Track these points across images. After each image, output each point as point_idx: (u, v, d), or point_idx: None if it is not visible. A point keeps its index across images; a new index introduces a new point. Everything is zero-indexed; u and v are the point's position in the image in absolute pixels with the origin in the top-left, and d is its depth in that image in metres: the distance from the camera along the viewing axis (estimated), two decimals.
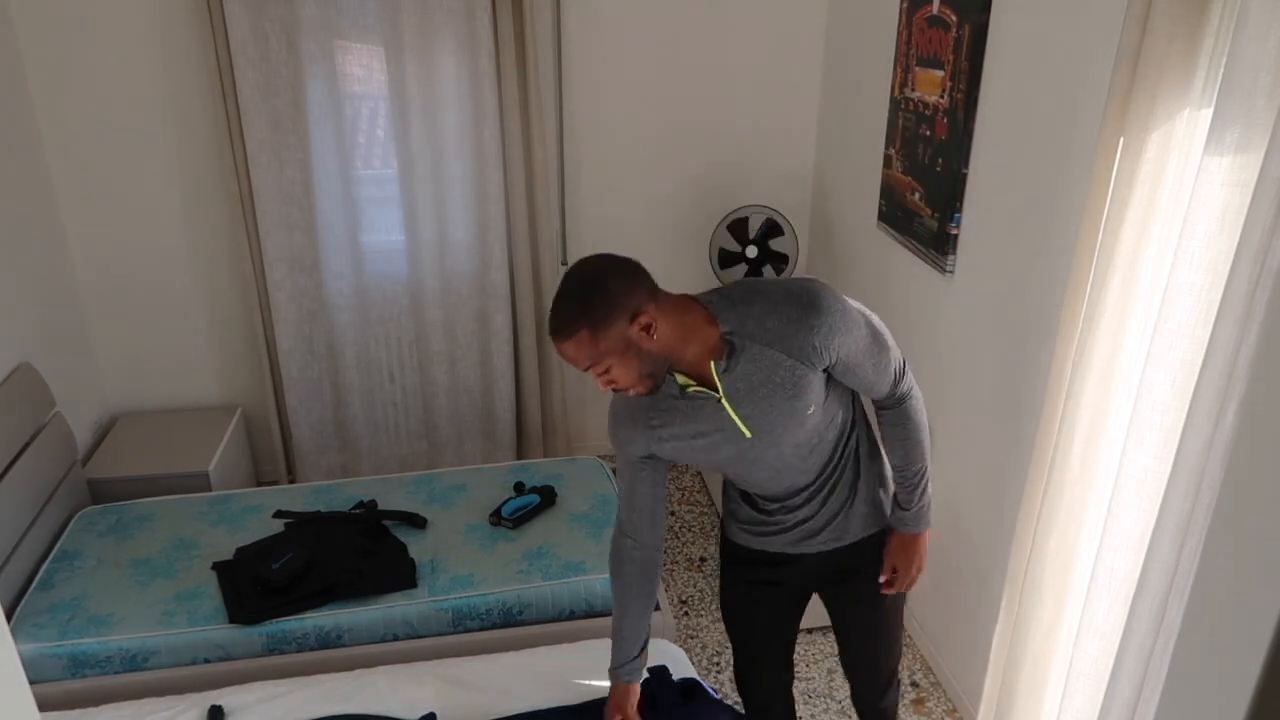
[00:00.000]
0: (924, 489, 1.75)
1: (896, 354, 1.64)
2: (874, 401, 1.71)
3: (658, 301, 1.47)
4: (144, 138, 3.22)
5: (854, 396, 1.71)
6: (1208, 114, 1.52)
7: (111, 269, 3.35)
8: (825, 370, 1.56)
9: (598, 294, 1.41)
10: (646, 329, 1.43)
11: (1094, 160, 1.73)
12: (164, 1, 3.07)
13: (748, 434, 1.57)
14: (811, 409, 1.55)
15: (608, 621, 2.47)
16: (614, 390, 1.50)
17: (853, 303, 1.56)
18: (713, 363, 1.52)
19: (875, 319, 1.61)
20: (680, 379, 1.55)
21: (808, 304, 1.49)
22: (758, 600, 1.89)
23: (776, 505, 1.75)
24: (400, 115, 3.27)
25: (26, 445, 2.65)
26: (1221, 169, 1.43)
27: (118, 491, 3.03)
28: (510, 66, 3.23)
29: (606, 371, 1.44)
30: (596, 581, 2.51)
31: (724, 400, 1.54)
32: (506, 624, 2.48)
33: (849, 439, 1.71)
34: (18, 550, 2.52)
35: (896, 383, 1.66)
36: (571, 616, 2.51)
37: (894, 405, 1.69)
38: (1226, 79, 1.43)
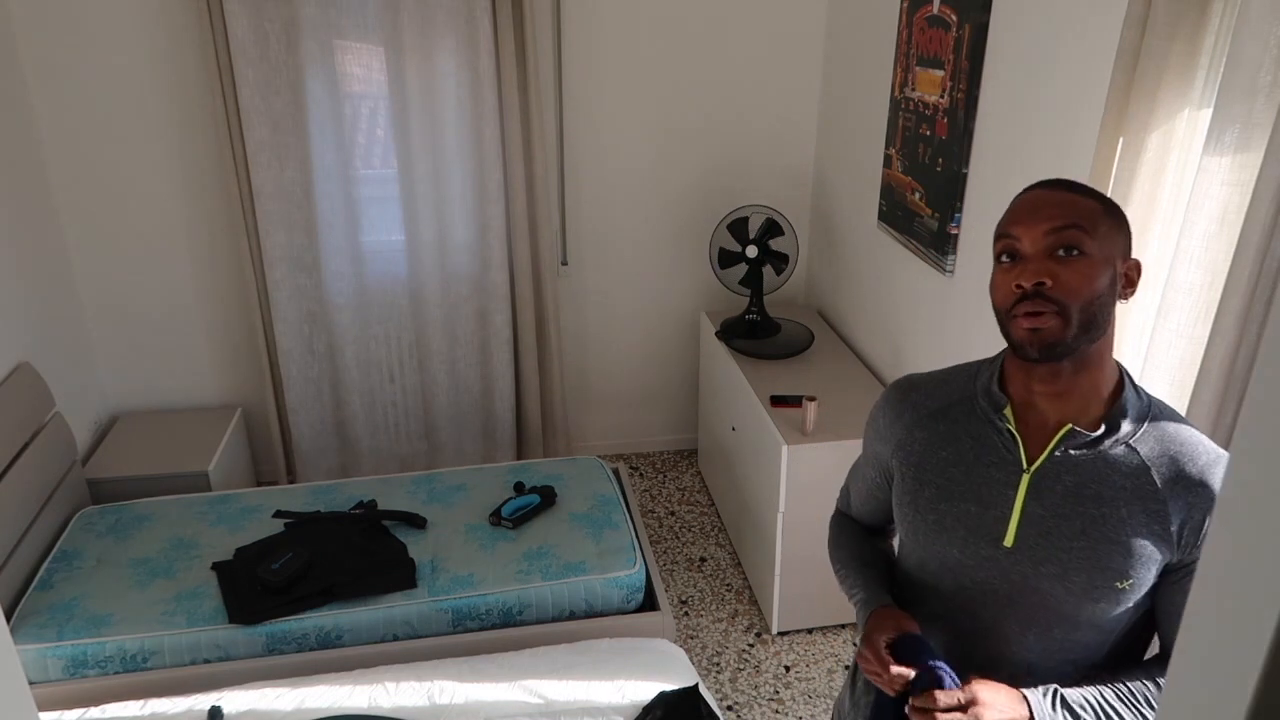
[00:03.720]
0: (1091, 711, 1.11)
1: None
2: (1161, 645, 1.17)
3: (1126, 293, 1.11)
4: (143, 137, 3.22)
5: (1136, 640, 1.19)
6: (1208, 114, 1.52)
7: (111, 269, 3.35)
8: (1175, 562, 1.08)
9: (1116, 205, 1.10)
10: (1129, 278, 1.09)
11: (1094, 160, 1.73)
12: (163, 1, 3.07)
13: (1009, 541, 1.12)
14: (1129, 582, 1.08)
15: (608, 621, 2.49)
16: (1033, 302, 1.04)
17: None
18: (1070, 425, 1.10)
19: None
20: (1008, 410, 1.14)
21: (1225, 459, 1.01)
22: None
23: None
24: (400, 115, 3.27)
25: (26, 445, 2.65)
26: (1221, 169, 1.43)
27: (117, 491, 3.03)
28: (510, 67, 3.23)
29: (1071, 249, 1.04)
30: (596, 582, 2.51)
31: (1026, 476, 1.12)
32: (506, 624, 2.48)
33: (1115, 668, 1.16)
34: (17, 550, 2.52)
35: None
36: (571, 616, 2.51)
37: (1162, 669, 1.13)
38: (1226, 79, 1.43)
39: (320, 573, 2.48)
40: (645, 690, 2.08)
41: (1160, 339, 1.57)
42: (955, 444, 1.18)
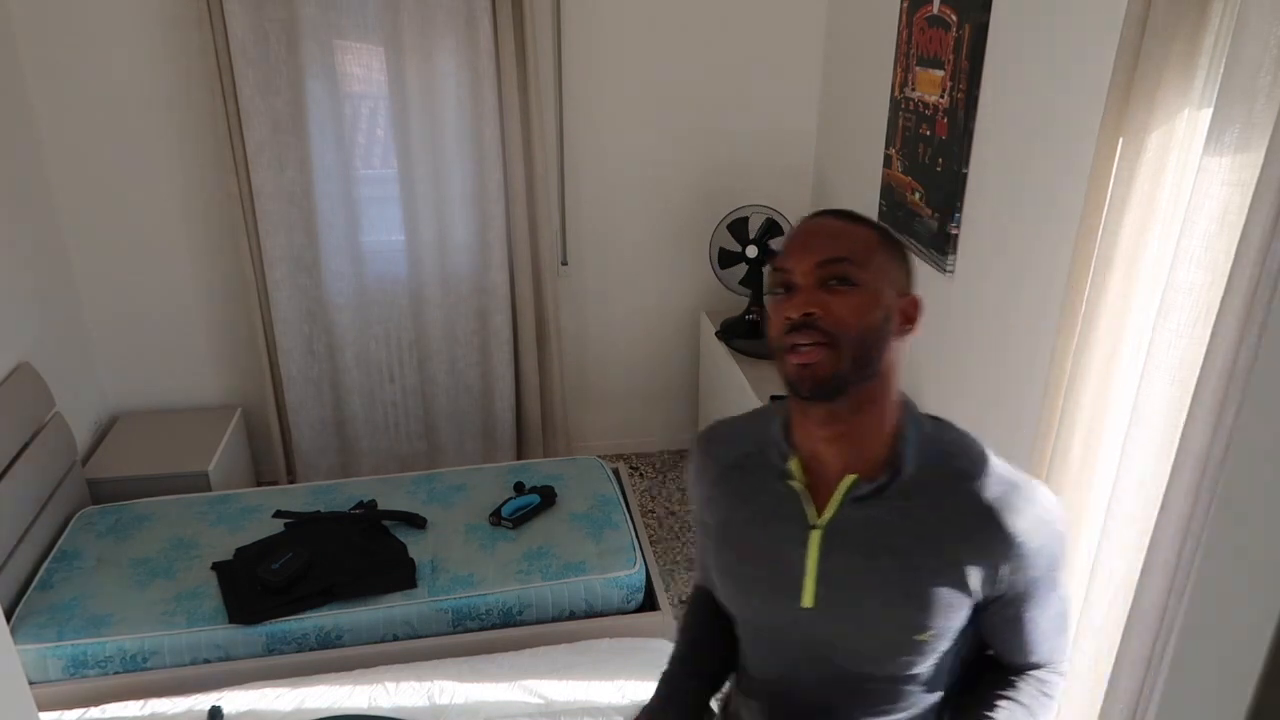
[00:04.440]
0: None
1: (1071, 614, 1.15)
2: (1004, 664, 1.16)
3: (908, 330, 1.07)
4: (143, 137, 3.22)
5: (968, 664, 1.16)
6: (1208, 114, 1.52)
7: (111, 269, 3.35)
8: (984, 602, 1.06)
9: (895, 237, 1.08)
10: (907, 314, 1.05)
11: (1094, 160, 1.73)
12: (163, 1, 3.07)
13: (807, 601, 1.08)
14: (930, 633, 1.04)
15: (608, 621, 2.49)
16: (803, 334, 0.99)
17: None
18: (854, 477, 1.06)
19: None
20: (794, 464, 1.09)
21: (1028, 495, 1.03)
22: None
23: None
24: (400, 115, 3.27)
25: (26, 445, 2.65)
26: (1221, 169, 1.43)
27: (117, 491, 3.03)
28: (510, 67, 3.23)
29: (843, 280, 1.00)
30: (596, 582, 2.50)
31: (816, 533, 1.07)
32: (506, 624, 2.48)
33: (937, 713, 1.15)
34: (17, 550, 2.51)
35: (1058, 651, 1.15)
36: (571, 616, 2.51)
37: (1026, 683, 1.14)
38: (1226, 79, 1.43)
39: (320, 573, 2.48)
40: (645, 690, 2.08)
41: (1161, 339, 1.57)
42: (752, 501, 1.13)
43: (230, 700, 2.12)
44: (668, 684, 1.24)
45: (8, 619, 2.28)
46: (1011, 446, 2.32)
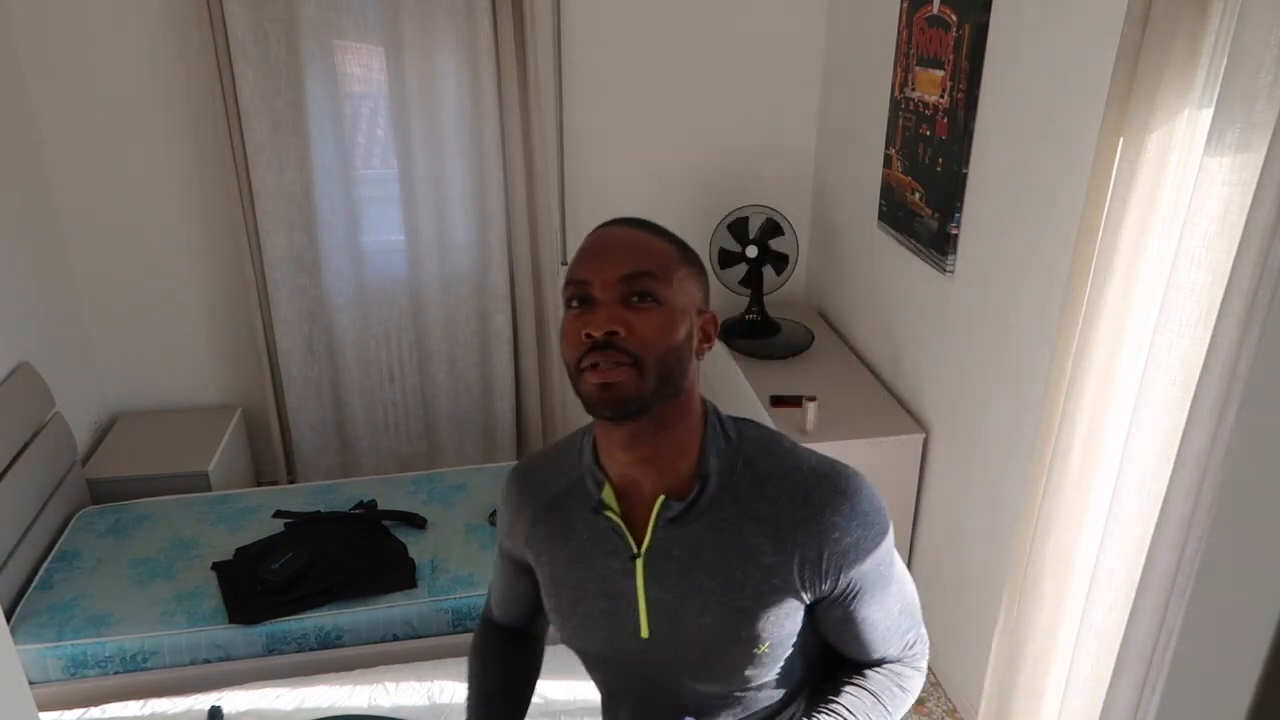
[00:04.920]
0: None
1: (918, 612, 1.14)
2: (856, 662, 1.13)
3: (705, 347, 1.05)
4: (143, 137, 3.21)
5: (820, 656, 1.14)
6: (1208, 114, 1.52)
7: (111, 269, 3.35)
8: (813, 603, 1.03)
9: (692, 250, 1.06)
10: (706, 331, 1.03)
11: (1094, 160, 1.73)
12: (163, 1, 3.07)
13: (645, 632, 1.05)
14: (765, 645, 1.01)
15: None
16: (605, 353, 0.94)
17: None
18: (663, 498, 1.01)
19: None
20: (607, 493, 1.04)
21: (837, 487, 1.01)
22: None
23: None
24: (400, 115, 3.27)
25: (26, 445, 2.65)
26: (1222, 169, 1.43)
27: (117, 491, 3.03)
28: (510, 66, 3.23)
29: (645, 296, 0.95)
30: None
31: (638, 562, 1.03)
32: None
33: (792, 714, 1.13)
34: (18, 550, 2.51)
35: (908, 649, 1.14)
36: None
37: (879, 673, 1.12)
38: (1226, 79, 1.43)
39: (320, 573, 2.48)
40: None
41: (1162, 339, 1.57)
42: (573, 537, 1.08)
43: (230, 700, 2.13)
44: None
45: (8, 619, 2.28)
46: (1012, 447, 2.32)
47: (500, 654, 1.28)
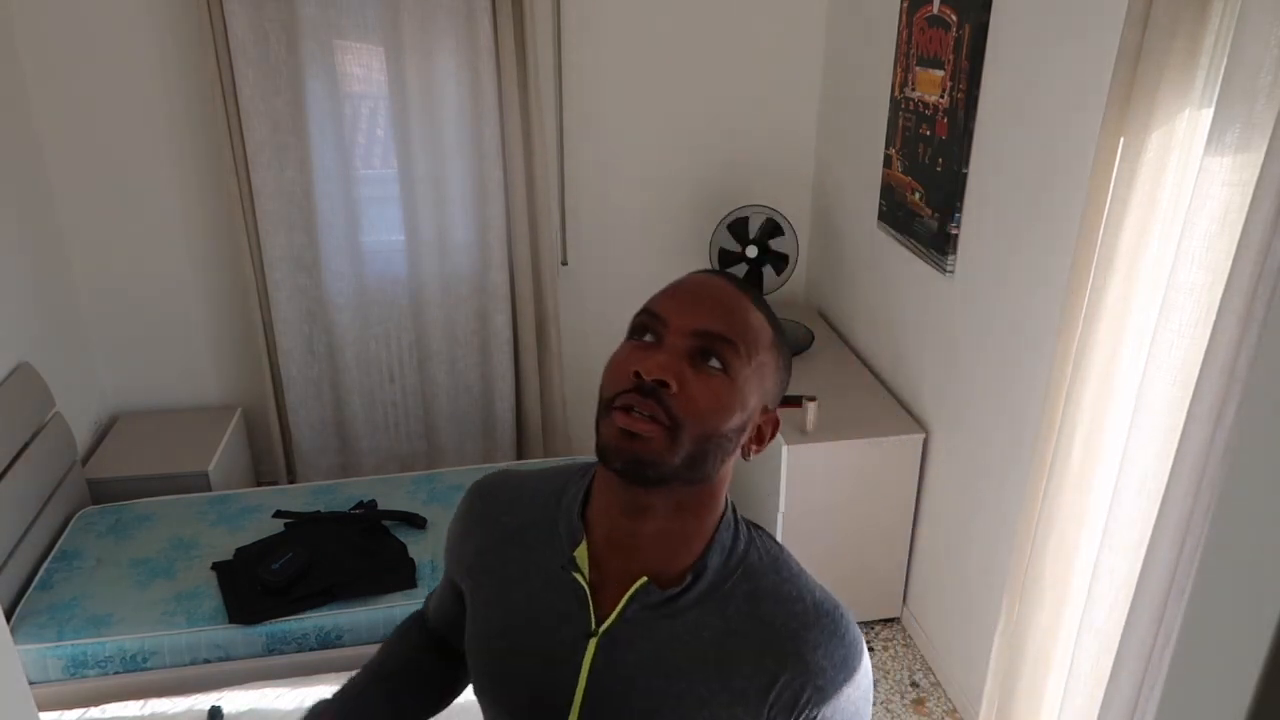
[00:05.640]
0: None
1: None
2: None
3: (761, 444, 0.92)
4: (143, 137, 3.21)
5: None
6: (1208, 114, 1.52)
7: (111, 269, 3.35)
8: None
9: (788, 344, 0.94)
10: (762, 432, 0.91)
11: (1094, 160, 1.73)
12: (163, 1, 3.07)
13: (573, 716, 0.91)
14: None
15: None
16: (644, 400, 0.82)
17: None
18: (646, 578, 0.89)
19: None
20: (580, 552, 0.92)
21: (837, 631, 0.89)
22: None
23: None
24: (400, 115, 3.27)
25: (26, 445, 2.65)
26: (1222, 169, 1.43)
27: (118, 491, 3.03)
28: (510, 66, 3.23)
29: (715, 361, 0.84)
30: None
31: (593, 641, 0.90)
32: None
33: None
34: (18, 550, 2.51)
35: None
36: None
37: None
38: (1226, 79, 1.43)
39: (320, 573, 2.48)
40: None
41: (1162, 339, 1.57)
42: (527, 582, 0.94)
43: (230, 700, 2.12)
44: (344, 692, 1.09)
45: (8, 619, 2.28)
46: (1012, 447, 2.32)
47: (409, 643, 1.15)
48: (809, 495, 2.74)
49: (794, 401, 2.86)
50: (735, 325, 0.85)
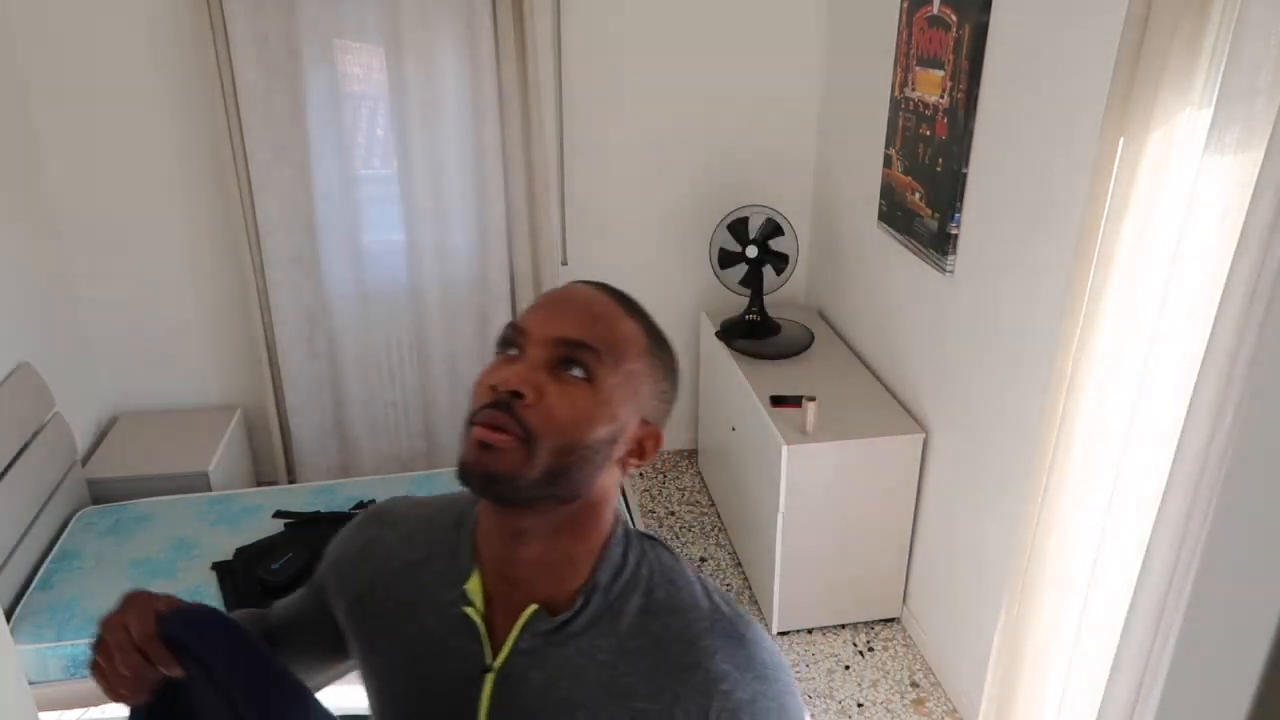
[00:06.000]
0: None
1: None
2: None
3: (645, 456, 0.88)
4: (143, 137, 3.21)
5: None
6: (1208, 114, 1.52)
7: (111, 269, 3.35)
8: None
9: (671, 353, 0.90)
10: (642, 446, 0.87)
11: (1094, 160, 1.73)
12: (163, 2, 3.07)
13: None
14: None
15: None
16: (498, 413, 0.80)
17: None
18: (534, 607, 0.85)
19: None
20: (473, 584, 0.87)
21: (734, 631, 0.84)
22: None
23: None
24: (400, 115, 3.27)
25: (26, 445, 2.65)
26: (1222, 169, 1.43)
27: (117, 491, 3.03)
28: (510, 67, 3.23)
29: (576, 370, 0.81)
30: None
31: (489, 677, 0.85)
32: None
33: None
34: (18, 550, 2.51)
35: None
36: None
37: None
38: (1226, 79, 1.43)
39: None
40: None
41: (1161, 339, 1.57)
42: (419, 618, 0.89)
43: None
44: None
45: (8, 619, 2.28)
46: (1012, 446, 2.32)
47: (261, 625, 1.08)
48: (809, 495, 2.74)
49: (794, 401, 2.86)
50: (598, 332, 0.82)
